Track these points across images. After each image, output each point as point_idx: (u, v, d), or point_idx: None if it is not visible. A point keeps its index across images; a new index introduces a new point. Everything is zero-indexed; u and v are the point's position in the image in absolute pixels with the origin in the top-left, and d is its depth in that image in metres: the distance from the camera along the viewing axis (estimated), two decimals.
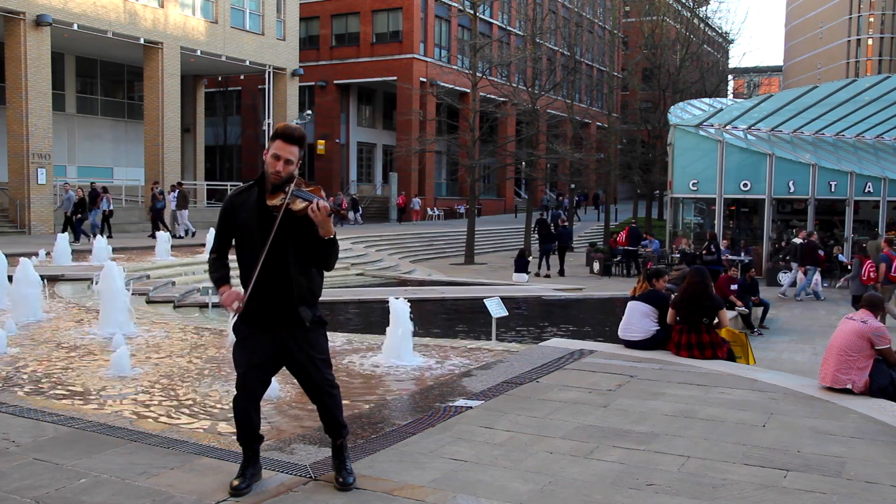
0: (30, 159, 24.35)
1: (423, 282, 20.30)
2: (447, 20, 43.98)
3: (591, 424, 5.51)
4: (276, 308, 3.97)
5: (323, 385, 4.08)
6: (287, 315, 3.98)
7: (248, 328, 4.04)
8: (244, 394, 4.05)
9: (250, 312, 4.00)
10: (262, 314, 3.99)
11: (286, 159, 3.88)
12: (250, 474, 4.11)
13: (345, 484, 4.11)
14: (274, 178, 3.89)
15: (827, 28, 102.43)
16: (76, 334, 9.39)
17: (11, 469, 4.33)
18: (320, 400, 4.11)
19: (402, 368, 7.79)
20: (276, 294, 3.96)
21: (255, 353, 4.01)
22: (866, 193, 23.72)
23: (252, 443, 4.13)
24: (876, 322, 6.65)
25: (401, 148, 38.09)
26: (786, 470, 4.62)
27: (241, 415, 4.06)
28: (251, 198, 3.99)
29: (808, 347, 12.71)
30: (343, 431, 4.18)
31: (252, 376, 4.02)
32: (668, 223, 26.64)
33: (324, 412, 4.14)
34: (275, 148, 3.91)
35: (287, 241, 3.90)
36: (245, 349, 4.04)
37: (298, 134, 3.95)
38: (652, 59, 43.12)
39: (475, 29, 30.36)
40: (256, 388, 4.08)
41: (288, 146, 3.90)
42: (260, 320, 4.00)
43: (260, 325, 4.01)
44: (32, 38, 24.11)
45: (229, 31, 31.19)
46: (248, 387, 4.03)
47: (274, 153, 3.90)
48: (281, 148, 3.89)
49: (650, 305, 8.22)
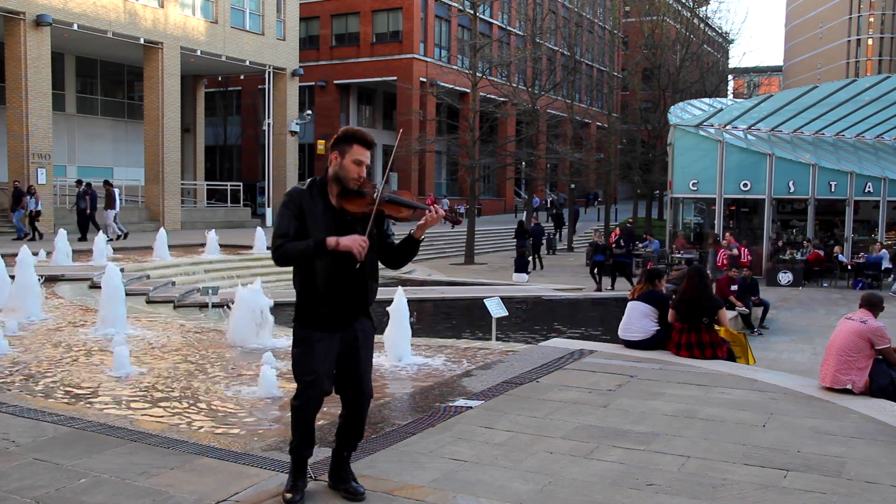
0: (30, 159, 24.34)
1: (424, 282, 20.29)
2: (447, 20, 43.97)
3: (591, 424, 5.51)
4: (351, 309, 3.91)
5: (367, 390, 3.99)
6: (358, 316, 3.94)
7: (323, 332, 3.86)
8: (313, 404, 3.89)
9: (321, 317, 3.87)
10: (339, 316, 3.88)
11: (367, 164, 3.89)
12: (302, 486, 3.99)
13: (358, 494, 3.99)
14: (354, 184, 3.84)
15: (827, 28, 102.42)
16: (76, 334, 9.39)
17: (11, 469, 4.33)
18: (358, 405, 3.98)
19: (402, 368, 7.79)
20: (353, 296, 3.90)
21: (328, 359, 3.87)
22: (866, 193, 23.71)
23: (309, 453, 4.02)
24: (875, 322, 6.65)
25: (401, 148, 38.08)
26: (786, 470, 4.62)
27: (306, 425, 3.91)
28: (318, 205, 3.86)
29: (808, 347, 12.71)
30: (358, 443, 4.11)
31: (322, 384, 3.88)
32: (668, 223, 26.63)
33: (356, 418, 4.00)
34: (356, 153, 3.85)
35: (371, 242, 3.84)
36: (313, 356, 3.85)
37: (372, 139, 3.96)
38: (652, 59, 43.12)
39: (475, 29, 30.35)
40: (322, 397, 3.93)
41: (367, 151, 3.88)
42: (337, 322, 3.88)
43: (335, 327, 3.88)
44: (32, 38, 24.11)
45: (229, 31, 31.18)
46: (318, 396, 3.89)
47: (356, 158, 3.84)
48: (362, 153, 3.86)
49: (650, 305, 8.21)
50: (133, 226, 27.81)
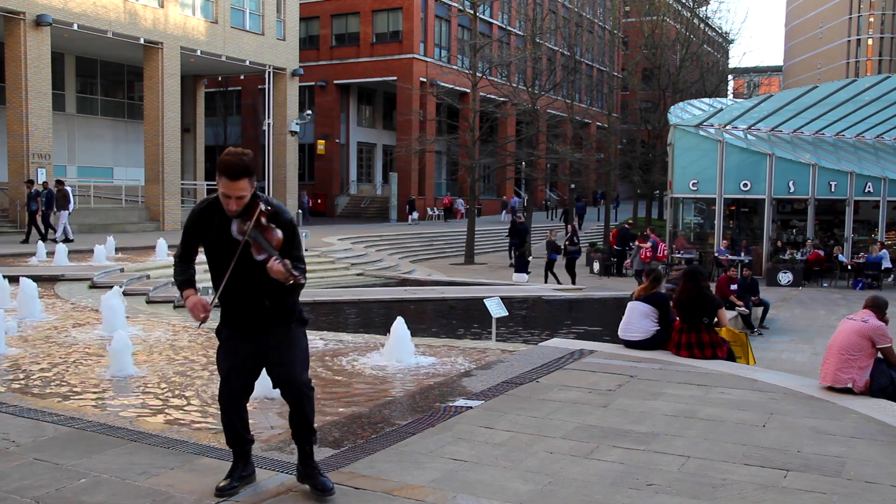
0: (30, 159, 24.34)
1: (423, 282, 20.29)
2: (447, 20, 43.97)
3: (591, 424, 5.51)
4: (253, 319, 3.94)
5: (300, 386, 3.96)
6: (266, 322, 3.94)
7: (230, 331, 4.01)
8: (227, 398, 4.01)
9: (230, 315, 3.99)
10: (240, 321, 3.97)
11: (237, 197, 3.73)
12: (238, 476, 4.07)
13: (325, 489, 3.97)
14: (231, 215, 3.78)
15: (827, 28, 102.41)
16: (76, 334, 9.38)
17: (11, 469, 4.33)
18: (296, 401, 3.98)
19: (402, 368, 7.79)
20: (250, 309, 3.92)
21: (238, 356, 3.97)
22: (866, 193, 23.71)
23: (240, 445, 4.09)
24: (877, 321, 6.65)
25: (401, 148, 38.09)
26: (786, 470, 4.62)
27: (225, 418, 4.05)
28: (214, 219, 3.87)
29: (808, 347, 12.71)
30: (313, 436, 4.05)
31: (234, 380, 3.99)
32: (668, 223, 26.63)
33: (297, 414, 3.99)
34: (222, 187, 3.73)
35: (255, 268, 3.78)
36: (226, 353, 4.01)
37: (241, 167, 3.70)
38: (652, 59, 43.14)
39: (475, 29, 30.35)
40: (239, 392, 4.03)
41: (235, 183, 3.70)
42: (240, 324, 3.97)
43: (242, 328, 3.97)
44: (32, 38, 24.11)
45: (229, 31, 31.18)
46: (230, 390, 4.00)
47: (223, 192, 3.74)
48: (228, 186, 3.71)
49: (650, 305, 8.21)
50: (133, 226, 27.85)
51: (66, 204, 21.76)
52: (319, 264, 20.43)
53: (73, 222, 26.27)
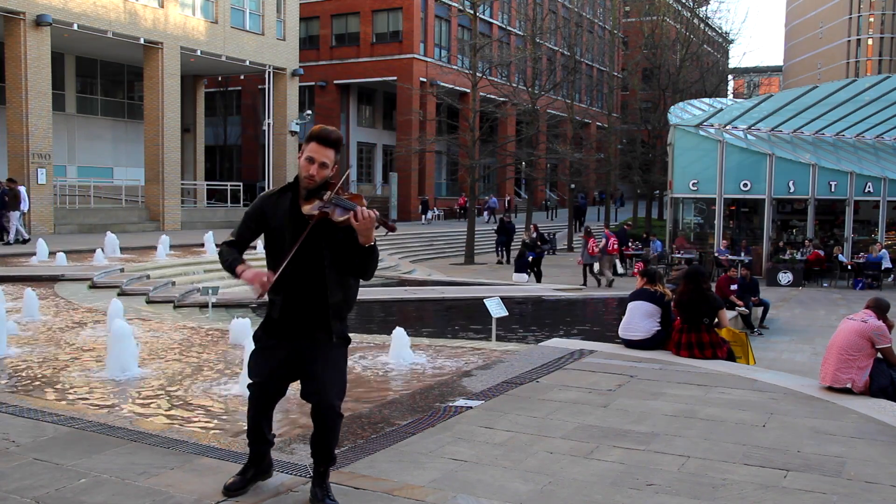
0: (30, 159, 24.34)
1: (423, 282, 20.29)
2: (447, 20, 43.97)
3: (591, 424, 5.51)
4: (306, 319, 3.78)
5: (329, 411, 3.81)
6: (315, 327, 3.78)
7: (270, 339, 3.87)
8: (259, 403, 3.94)
9: (273, 323, 3.85)
10: (288, 325, 3.81)
11: (321, 162, 3.66)
12: (251, 475, 4.06)
13: None
14: (307, 183, 3.69)
15: (827, 28, 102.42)
16: (76, 334, 9.39)
17: (11, 469, 4.33)
18: (322, 425, 3.85)
19: (402, 368, 7.79)
20: (307, 305, 3.76)
21: (275, 365, 3.86)
22: (866, 193, 23.71)
23: (259, 445, 4.06)
24: (876, 321, 6.65)
25: (401, 148, 38.09)
26: (786, 470, 4.62)
27: (252, 421, 3.99)
28: (285, 203, 3.77)
29: (808, 347, 12.71)
30: (332, 462, 3.95)
31: (269, 387, 3.93)
32: (668, 223, 26.64)
33: (320, 439, 3.87)
34: (309, 150, 3.68)
35: (324, 250, 3.70)
36: (264, 359, 3.89)
37: (335, 136, 3.71)
38: (652, 59, 43.14)
39: (475, 29, 30.35)
40: (272, 399, 3.98)
41: (324, 149, 3.67)
42: (284, 331, 3.82)
43: (284, 336, 3.82)
44: (32, 38, 24.11)
45: (229, 31, 31.18)
46: (263, 397, 3.94)
47: (308, 156, 3.68)
48: (316, 151, 3.67)
49: (654, 305, 8.20)
50: (133, 226, 27.84)
51: (18, 204, 20.70)
52: None
53: (74, 222, 26.33)
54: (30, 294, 10.69)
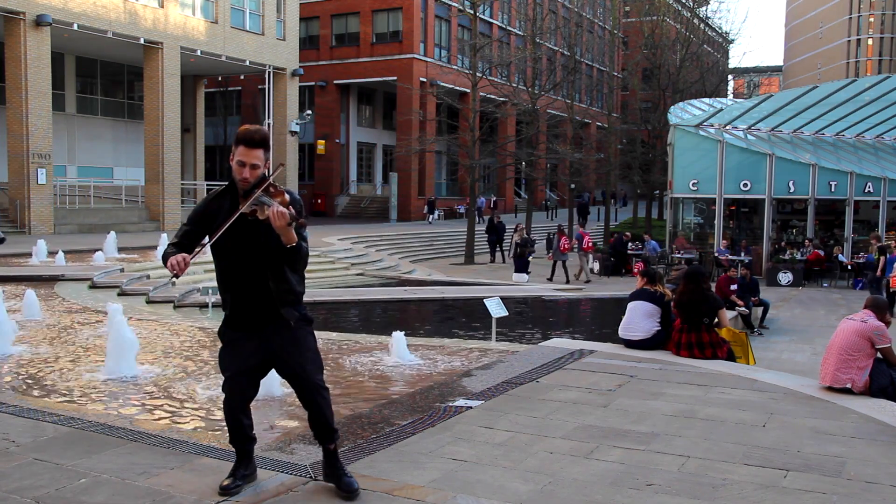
0: (30, 159, 24.35)
1: (423, 282, 20.29)
2: (447, 20, 43.97)
3: (591, 424, 5.51)
4: (259, 311, 3.92)
5: (314, 388, 3.97)
6: (269, 316, 3.92)
7: (234, 332, 4.00)
8: (233, 398, 4.02)
9: (229, 318, 3.99)
10: (246, 317, 3.95)
11: (251, 164, 3.81)
12: (241, 475, 4.08)
13: (350, 490, 3.99)
14: (242, 185, 3.83)
15: (827, 28, 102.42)
16: (76, 334, 9.38)
17: (11, 469, 4.33)
18: (312, 402, 3.98)
19: (402, 368, 7.79)
20: (256, 298, 3.90)
21: (242, 357, 3.96)
22: (866, 193, 23.72)
23: (243, 444, 4.11)
24: (876, 321, 6.65)
25: (401, 148, 38.09)
26: (786, 470, 4.62)
27: (230, 419, 4.05)
28: (226, 204, 3.90)
29: (808, 347, 12.71)
30: (335, 436, 4.06)
31: (240, 381, 3.99)
32: (668, 223, 26.64)
33: (315, 415, 4.00)
34: (238, 154, 3.82)
35: (261, 245, 3.83)
36: (232, 353, 4.00)
37: (259, 136, 3.85)
38: (652, 59, 43.10)
39: (475, 29, 30.34)
40: (245, 393, 4.04)
41: (251, 150, 3.82)
42: (245, 324, 3.96)
43: (245, 328, 3.96)
44: (32, 38, 24.12)
45: (229, 31, 31.19)
46: (236, 391, 4.01)
47: (238, 160, 3.82)
48: (244, 154, 3.81)
49: (654, 305, 8.19)
50: (133, 226, 27.85)
51: None
52: (319, 264, 20.43)
53: (74, 222, 26.35)
54: (30, 294, 10.70)
